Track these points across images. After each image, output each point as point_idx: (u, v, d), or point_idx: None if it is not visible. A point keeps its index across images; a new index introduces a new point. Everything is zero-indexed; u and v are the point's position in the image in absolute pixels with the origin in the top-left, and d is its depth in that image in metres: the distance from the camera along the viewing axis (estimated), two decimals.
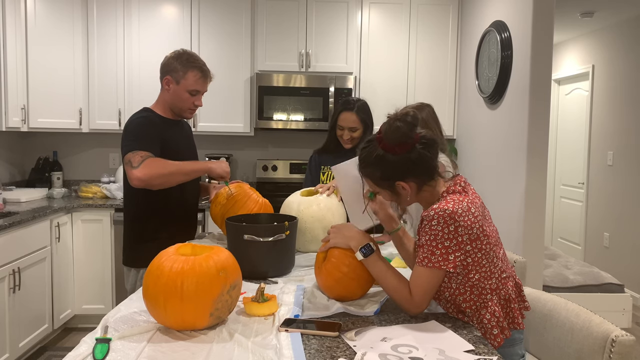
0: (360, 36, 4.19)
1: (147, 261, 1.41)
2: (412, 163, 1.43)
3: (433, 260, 1.37)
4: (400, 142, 1.42)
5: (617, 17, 4.99)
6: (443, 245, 1.36)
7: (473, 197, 1.44)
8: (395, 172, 1.44)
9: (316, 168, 2.76)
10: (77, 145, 4.45)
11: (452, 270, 1.37)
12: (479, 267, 1.40)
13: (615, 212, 5.15)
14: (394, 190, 1.48)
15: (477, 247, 1.39)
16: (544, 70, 3.06)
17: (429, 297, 1.41)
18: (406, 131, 1.42)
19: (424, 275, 1.39)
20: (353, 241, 1.52)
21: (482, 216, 1.42)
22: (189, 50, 2.26)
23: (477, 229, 1.38)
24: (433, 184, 1.48)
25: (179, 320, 1.28)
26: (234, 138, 4.48)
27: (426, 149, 1.44)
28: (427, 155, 1.44)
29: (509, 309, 1.46)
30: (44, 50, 3.84)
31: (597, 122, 5.47)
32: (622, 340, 1.31)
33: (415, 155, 1.43)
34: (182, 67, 2.18)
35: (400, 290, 1.43)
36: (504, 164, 3.40)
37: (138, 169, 2.01)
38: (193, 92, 2.21)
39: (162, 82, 2.23)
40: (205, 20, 4.11)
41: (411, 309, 1.43)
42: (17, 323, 3.10)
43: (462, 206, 1.37)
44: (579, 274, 3.86)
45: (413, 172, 1.44)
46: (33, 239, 3.26)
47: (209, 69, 2.26)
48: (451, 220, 1.35)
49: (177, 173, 2.10)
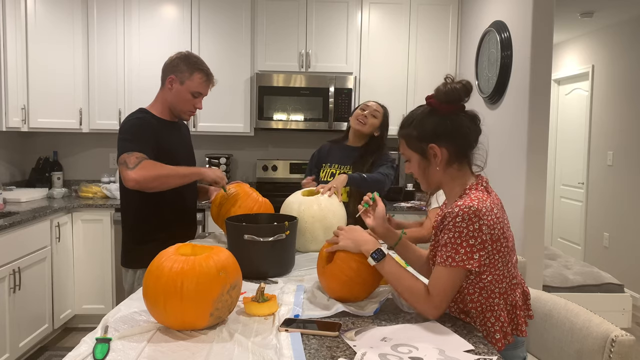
0: (360, 36, 4.19)
1: (144, 262, 1.41)
2: (453, 127, 1.42)
3: (457, 259, 1.33)
4: (449, 100, 1.42)
5: (617, 17, 4.99)
6: (468, 244, 1.33)
7: (495, 198, 1.43)
8: (433, 133, 1.43)
9: (317, 164, 2.81)
10: (77, 145, 4.45)
11: (477, 269, 1.34)
12: (493, 269, 1.38)
13: (615, 212, 5.15)
14: (424, 155, 1.45)
15: (496, 248, 1.36)
16: (544, 70, 3.06)
17: (449, 298, 1.37)
18: (460, 94, 1.42)
19: (446, 275, 1.35)
20: (364, 246, 1.49)
21: (502, 218, 1.40)
22: (194, 53, 2.27)
23: (498, 230, 1.36)
24: (463, 168, 1.46)
25: (179, 320, 1.28)
26: (234, 138, 4.48)
27: (469, 120, 1.45)
28: (468, 127, 1.44)
29: (515, 315, 1.45)
30: (44, 50, 3.84)
31: (597, 122, 5.47)
32: (622, 340, 1.31)
33: (457, 121, 1.43)
34: (189, 68, 2.19)
35: (416, 292, 1.39)
36: (504, 164, 3.40)
37: (134, 170, 2.01)
38: (196, 94, 2.22)
39: (164, 81, 2.23)
40: (205, 20, 4.11)
41: (430, 311, 1.38)
42: (17, 323, 3.10)
43: (486, 205, 1.35)
44: (579, 274, 3.85)
45: (450, 136, 1.43)
46: (33, 239, 3.26)
47: (212, 73, 2.27)
48: (476, 217, 1.32)
49: (173, 176, 2.10)
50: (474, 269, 1.34)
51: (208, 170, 2.19)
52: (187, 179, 2.15)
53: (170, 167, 2.09)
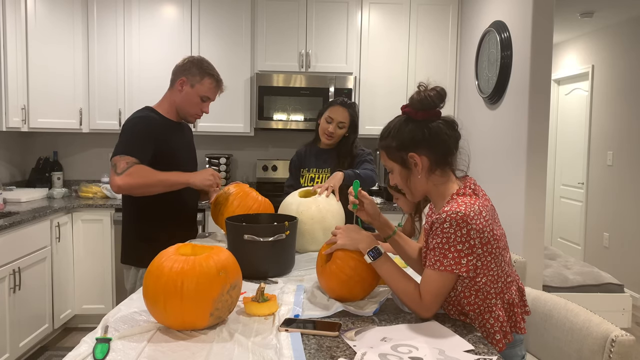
0: (360, 36, 4.19)
1: (146, 261, 1.41)
2: (430, 134, 1.42)
3: (445, 263, 1.34)
4: (424, 108, 1.42)
5: (617, 17, 4.99)
6: (455, 249, 1.33)
7: (484, 199, 1.42)
8: (412, 141, 1.43)
9: (296, 171, 2.78)
10: (77, 145, 4.45)
11: (465, 274, 1.34)
12: (487, 271, 1.38)
13: (615, 212, 5.15)
14: (405, 164, 1.45)
15: (487, 250, 1.37)
16: (544, 70, 3.07)
17: (440, 300, 1.39)
18: (434, 100, 1.42)
19: (434, 278, 1.37)
20: (362, 244, 1.51)
21: (492, 219, 1.40)
22: (207, 59, 2.29)
23: (488, 233, 1.36)
24: (446, 174, 1.46)
25: (179, 320, 1.28)
26: (234, 138, 4.48)
27: (446, 126, 1.44)
28: (446, 133, 1.44)
29: (512, 313, 1.45)
30: (44, 50, 3.84)
31: (597, 122, 5.47)
32: (621, 340, 1.31)
33: (434, 128, 1.43)
34: (200, 73, 2.21)
35: (410, 293, 1.41)
36: (503, 164, 3.40)
37: (120, 176, 2.03)
38: (204, 98, 2.24)
39: (175, 82, 2.25)
40: (205, 20, 4.11)
41: (421, 312, 1.41)
42: (18, 323, 3.10)
43: (474, 209, 1.35)
44: (579, 274, 3.85)
45: (428, 144, 1.42)
46: (33, 239, 3.26)
47: (222, 80, 2.30)
48: (463, 223, 1.32)
49: (158, 185, 2.10)
50: (462, 273, 1.35)
51: (196, 178, 2.15)
52: (174, 188, 2.14)
53: (157, 176, 2.08)
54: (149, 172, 2.07)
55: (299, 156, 2.80)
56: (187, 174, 2.16)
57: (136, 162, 2.05)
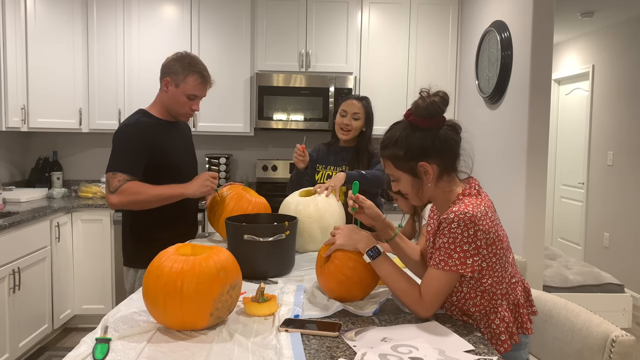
0: (360, 36, 4.19)
1: (146, 262, 1.41)
2: (440, 142, 1.40)
3: (450, 263, 1.34)
4: (431, 115, 1.39)
5: (617, 17, 4.99)
6: (462, 249, 1.33)
7: (487, 200, 1.42)
8: (421, 150, 1.40)
9: (312, 167, 2.76)
10: (77, 145, 4.45)
11: (470, 274, 1.34)
12: (492, 272, 1.38)
13: (615, 212, 5.15)
14: (415, 173, 1.43)
15: (492, 251, 1.36)
16: (544, 70, 3.06)
17: (441, 300, 1.38)
18: (439, 106, 1.39)
19: (438, 278, 1.36)
20: (360, 244, 1.50)
21: (495, 220, 1.40)
22: (192, 54, 2.24)
23: (493, 233, 1.36)
24: (452, 178, 1.45)
25: (179, 320, 1.28)
26: (234, 138, 4.48)
27: (452, 131, 1.43)
28: (453, 139, 1.42)
29: (518, 313, 1.45)
30: (44, 50, 3.84)
31: (597, 122, 5.47)
32: (622, 340, 1.31)
33: (443, 135, 1.40)
34: (183, 71, 2.16)
35: (409, 293, 1.40)
36: (504, 164, 3.40)
37: (114, 195, 2.06)
38: (191, 96, 2.19)
39: (161, 82, 2.22)
40: (205, 20, 4.11)
41: (421, 312, 1.40)
42: (17, 323, 3.10)
43: (481, 210, 1.35)
44: (579, 274, 3.85)
45: (439, 151, 1.40)
46: (33, 239, 3.26)
47: (209, 74, 2.24)
48: (471, 223, 1.32)
49: (153, 200, 2.11)
50: (467, 274, 1.34)
51: (192, 188, 2.15)
52: (170, 201, 2.14)
53: (150, 192, 2.08)
54: (141, 189, 2.08)
55: (317, 152, 2.78)
56: (181, 186, 2.14)
57: (128, 179, 2.07)
